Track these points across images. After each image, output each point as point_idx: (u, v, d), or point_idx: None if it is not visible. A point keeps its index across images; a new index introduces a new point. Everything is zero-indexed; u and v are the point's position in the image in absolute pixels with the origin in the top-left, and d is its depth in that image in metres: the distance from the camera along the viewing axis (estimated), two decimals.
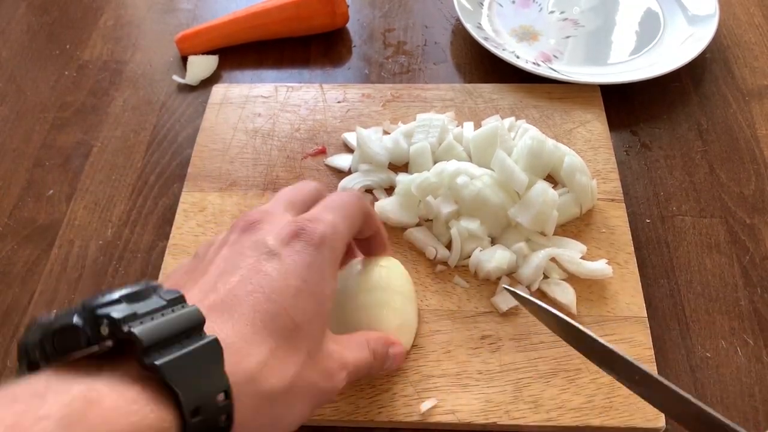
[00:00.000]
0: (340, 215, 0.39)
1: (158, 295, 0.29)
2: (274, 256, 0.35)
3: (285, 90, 0.66)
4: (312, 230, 0.36)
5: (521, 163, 0.54)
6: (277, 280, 0.34)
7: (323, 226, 0.37)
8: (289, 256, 0.35)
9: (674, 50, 0.67)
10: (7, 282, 0.55)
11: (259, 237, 0.36)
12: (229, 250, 0.36)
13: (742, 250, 0.54)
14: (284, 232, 0.36)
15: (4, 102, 0.69)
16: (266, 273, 0.34)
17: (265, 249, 0.35)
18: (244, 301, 0.32)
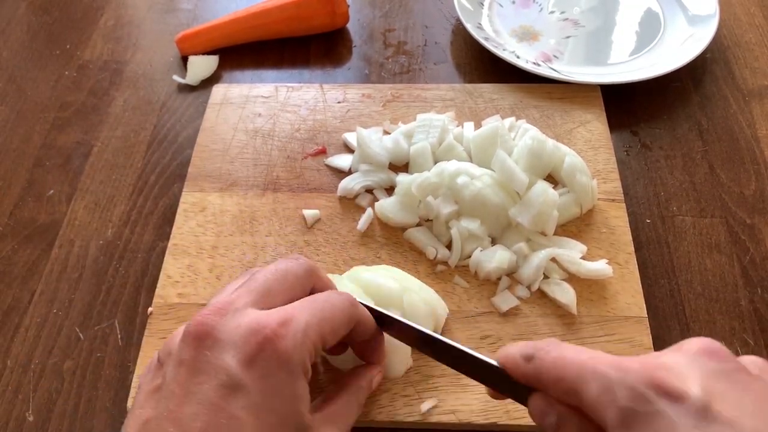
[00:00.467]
0: (317, 318, 0.34)
1: None
2: (239, 388, 0.31)
3: (285, 90, 0.66)
4: (278, 342, 0.32)
5: (521, 163, 0.54)
6: (247, 424, 0.30)
7: (292, 335, 0.33)
8: (255, 384, 0.31)
9: (674, 50, 0.67)
10: (8, 282, 0.55)
11: (217, 358, 0.32)
12: (185, 374, 0.32)
13: (743, 251, 0.54)
14: (246, 348, 0.32)
15: (5, 102, 0.69)
16: (234, 416, 0.30)
17: (226, 378, 0.31)
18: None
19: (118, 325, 0.52)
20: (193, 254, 0.54)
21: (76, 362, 0.50)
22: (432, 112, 0.62)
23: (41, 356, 0.50)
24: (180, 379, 0.32)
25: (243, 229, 0.55)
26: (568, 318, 0.49)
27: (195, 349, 0.32)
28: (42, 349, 0.51)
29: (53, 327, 0.52)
